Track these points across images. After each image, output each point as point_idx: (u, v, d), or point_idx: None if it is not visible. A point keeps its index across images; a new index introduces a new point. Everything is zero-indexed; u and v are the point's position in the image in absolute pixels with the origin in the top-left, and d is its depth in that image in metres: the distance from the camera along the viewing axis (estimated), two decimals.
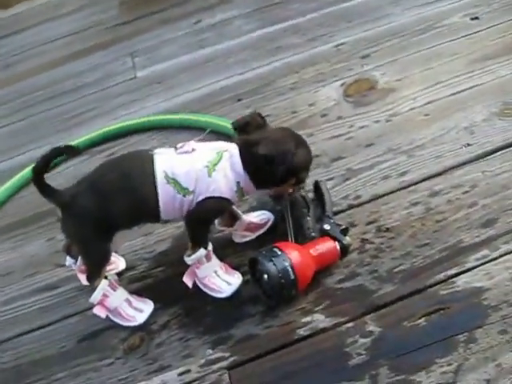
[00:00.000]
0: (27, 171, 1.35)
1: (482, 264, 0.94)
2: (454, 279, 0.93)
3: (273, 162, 0.92)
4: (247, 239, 1.07)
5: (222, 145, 0.97)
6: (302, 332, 0.92)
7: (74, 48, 1.94)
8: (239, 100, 1.46)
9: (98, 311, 0.98)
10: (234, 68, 1.59)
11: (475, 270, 0.93)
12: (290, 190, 1.02)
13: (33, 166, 0.91)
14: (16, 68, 1.94)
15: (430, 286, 0.93)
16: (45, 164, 0.92)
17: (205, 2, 1.96)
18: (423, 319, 0.89)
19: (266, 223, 1.08)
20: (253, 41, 1.69)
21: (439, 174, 1.11)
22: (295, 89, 1.45)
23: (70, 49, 1.94)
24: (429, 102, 1.29)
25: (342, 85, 1.42)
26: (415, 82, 1.35)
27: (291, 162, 0.93)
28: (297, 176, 0.97)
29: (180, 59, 1.71)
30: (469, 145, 1.15)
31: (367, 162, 1.18)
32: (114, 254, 1.08)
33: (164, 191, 0.92)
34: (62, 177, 1.32)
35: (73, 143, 1.35)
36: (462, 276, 0.93)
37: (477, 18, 1.50)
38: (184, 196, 0.93)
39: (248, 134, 0.97)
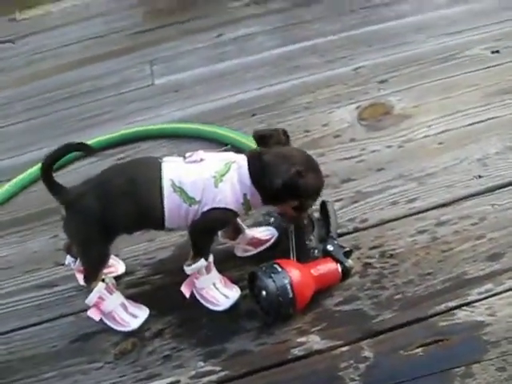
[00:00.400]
0: (37, 167, 1.35)
1: (485, 298, 0.92)
2: (454, 311, 0.91)
3: (266, 172, 0.90)
4: (249, 254, 1.06)
5: (230, 156, 0.97)
6: (296, 352, 0.91)
7: (94, 52, 1.96)
8: (253, 115, 1.47)
9: (93, 314, 0.97)
10: (251, 83, 1.60)
11: (477, 303, 0.92)
12: (291, 213, 0.99)
13: (43, 159, 0.91)
14: (37, 66, 1.96)
15: (430, 317, 0.91)
16: (55, 159, 0.92)
17: (229, 16, 1.98)
18: (420, 349, 0.87)
19: (269, 239, 1.07)
20: (272, 58, 1.70)
21: (448, 204, 1.10)
22: (310, 108, 1.46)
23: (90, 52, 1.97)
24: (444, 131, 1.29)
25: (357, 108, 1.42)
26: (431, 110, 1.35)
27: (293, 181, 0.91)
28: (300, 200, 0.96)
29: (198, 70, 1.73)
30: (480, 177, 1.15)
31: (377, 186, 1.18)
32: (114, 257, 1.08)
33: (170, 199, 0.92)
34: (70, 176, 1.32)
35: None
36: (463, 308, 0.91)
37: (497, 51, 1.50)
38: (190, 205, 0.92)
39: (267, 147, 0.95)
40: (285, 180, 0.89)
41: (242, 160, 0.95)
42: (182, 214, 0.93)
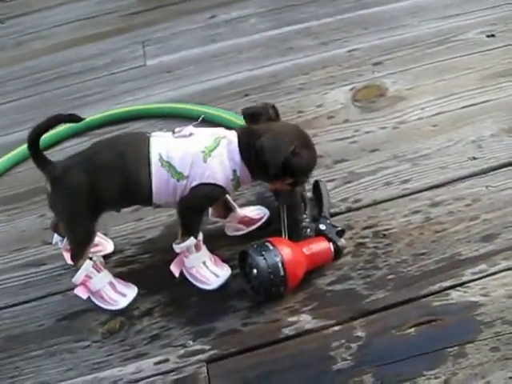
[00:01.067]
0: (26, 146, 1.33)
1: (479, 279, 0.91)
2: (448, 291, 0.90)
3: (265, 153, 0.88)
4: (240, 233, 1.05)
5: (220, 131, 0.95)
6: (287, 331, 0.90)
7: (86, 32, 1.93)
8: (246, 95, 1.45)
9: (80, 292, 0.95)
10: (244, 64, 1.58)
11: (471, 283, 0.91)
12: (285, 188, 0.98)
13: (31, 130, 0.89)
14: (27, 47, 1.93)
15: (424, 297, 0.90)
16: (43, 130, 0.90)
17: None
18: (413, 329, 0.86)
19: (260, 218, 1.06)
20: (265, 40, 1.68)
21: (442, 185, 1.09)
22: (303, 89, 1.44)
23: (81, 32, 1.94)
24: (438, 113, 1.27)
25: (351, 89, 1.40)
26: (426, 93, 1.34)
27: (288, 160, 0.89)
28: (294, 177, 0.94)
29: (191, 51, 1.71)
30: (474, 158, 1.13)
31: (370, 166, 1.16)
32: (102, 236, 1.07)
33: (158, 174, 0.90)
34: (58, 157, 1.30)
35: None
36: (457, 289, 0.90)
37: (493, 35, 1.48)
38: (178, 180, 0.91)
39: (257, 124, 0.94)
40: (283, 162, 0.88)
41: (232, 136, 0.93)
42: (170, 190, 0.91)
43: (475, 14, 1.60)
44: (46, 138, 1.03)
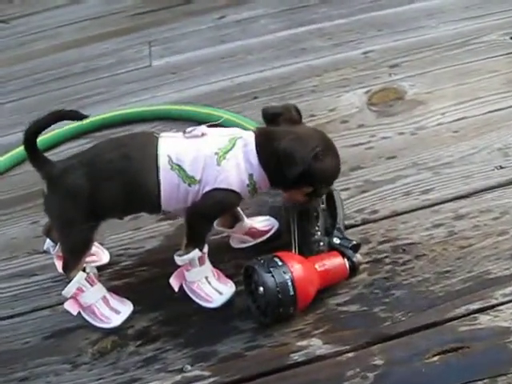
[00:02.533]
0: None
1: (510, 301, 0.83)
2: (476, 315, 0.82)
3: (285, 157, 0.81)
4: (246, 245, 0.97)
5: (236, 131, 0.88)
6: (296, 357, 0.81)
7: (91, 32, 1.89)
8: (255, 98, 1.39)
9: (70, 306, 0.88)
10: (253, 65, 1.53)
11: (502, 306, 0.82)
12: (302, 199, 0.90)
13: (28, 125, 0.82)
14: (30, 46, 1.89)
15: (449, 320, 0.82)
16: (42, 126, 0.83)
17: None
18: (437, 357, 0.77)
19: (268, 230, 0.98)
20: (276, 40, 1.63)
21: (466, 196, 1.02)
22: (316, 92, 1.38)
23: (86, 33, 1.90)
24: (460, 119, 1.20)
25: (366, 92, 1.34)
26: (446, 97, 1.27)
27: (310, 165, 0.81)
28: (314, 186, 0.86)
29: (199, 52, 1.65)
30: (501, 167, 1.06)
31: (388, 175, 1.09)
32: (98, 245, 1.00)
33: (167, 178, 0.83)
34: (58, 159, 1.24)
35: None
36: (486, 312, 0.82)
37: None
38: (189, 185, 0.83)
39: (277, 125, 0.86)
40: (305, 167, 0.80)
41: (248, 137, 0.85)
42: (181, 195, 0.83)
43: (497, 15, 1.54)
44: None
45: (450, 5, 1.63)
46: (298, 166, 0.81)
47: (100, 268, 0.97)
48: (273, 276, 0.81)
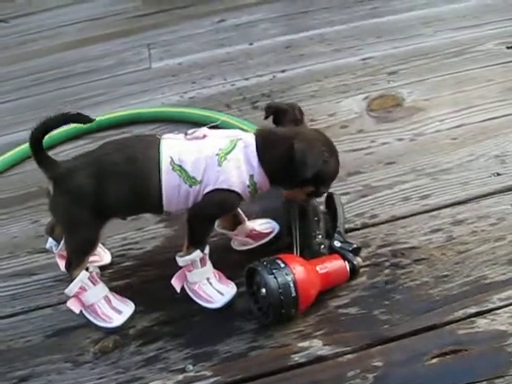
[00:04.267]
0: (22, 148, 1.27)
1: (508, 305, 0.84)
2: (474, 319, 0.83)
3: (300, 160, 0.82)
4: (247, 247, 0.98)
5: (236, 133, 0.88)
6: (296, 358, 0.82)
7: (91, 34, 1.89)
8: (254, 102, 1.40)
9: (72, 305, 0.88)
10: (252, 70, 1.53)
11: (499, 310, 0.83)
12: (303, 198, 0.91)
13: (35, 126, 0.83)
14: (30, 46, 1.89)
15: (447, 324, 0.83)
16: (48, 127, 0.83)
17: (231, 3, 1.92)
18: (436, 360, 0.78)
19: (269, 233, 0.99)
20: (276, 45, 1.64)
21: (464, 202, 1.03)
22: (316, 97, 1.39)
23: (86, 34, 1.90)
24: (458, 126, 1.22)
25: (365, 98, 1.36)
26: (444, 104, 1.29)
27: (320, 168, 0.83)
28: (317, 186, 0.87)
29: (198, 55, 1.66)
30: (498, 174, 1.07)
31: (387, 180, 1.10)
32: (100, 245, 0.99)
33: (168, 179, 0.83)
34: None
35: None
36: (483, 316, 0.83)
37: None
38: (190, 186, 0.84)
39: (281, 125, 0.87)
40: (315, 170, 0.82)
41: (249, 138, 0.86)
42: (182, 196, 0.84)
43: (493, 24, 1.56)
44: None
45: (448, 13, 1.65)
46: (309, 170, 0.82)
47: (102, 268, 0.98)
48: (275, 278, 0.81)
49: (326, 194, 0.99)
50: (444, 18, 1.62)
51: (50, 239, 0.95)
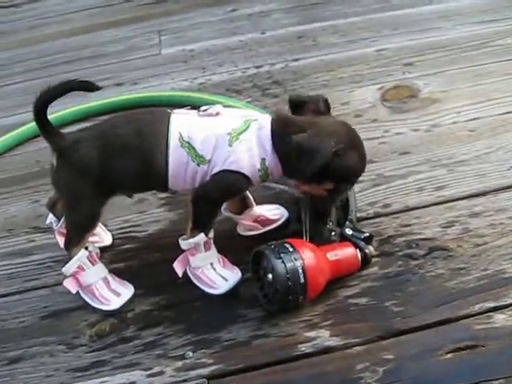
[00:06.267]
0: (26, 128, 1.26)
1: None
2: (491, 313, 0.79)
3: (302, 152, 0.77)
4: (253, 233, 0.94)
5: (252, 113, 0.84)
6: (303, 348, 0.78)
7: (101, 20, 1.87)
8: (266, 89, 1.36)
9: (69, 284, 0.85)
10: (264, 58, 1.50)
11: None
12: (322, 194, 0.85)
13: (38, 95, 0.79)
14: (39, 31, 1.87)
15: (463, 318, 0.79)
16: (52, 96, 0.80)
17: None
18: (451, 355, 0.74)
19: (278, 219, 0.95)
20: (289, 35, 1.60)
21: (481, 195, 0.99)
22: (328, 86, 1.35)
23: (96, 19, 1.88)
24: (475, 118, 1.18)
25: (379, 88, 1.32)
26: (462, 96, 1.25)
27: (331, 163, 0.77)
28: (336, 183, 0.82)
29: (209, 42, 1.63)
30: None
31: (401, 170, 1.06)
32: (101, 226, 0.96)
33: (176, 155, 0.80)
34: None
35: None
36: (501, 311, 0.79)
37: None
38: (198, 165, 0.80)
39: (301, 115, 0.83)
40: (323, 165, 0.76)
41: (265, 120, 0.82)
42: (189, 174, 0.80)
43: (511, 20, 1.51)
44: None
45: (467, 8, 1.61)
46: (315, 163, 0.76)
47: (102, 250, 0.94)
48: (283, 262, 0.78)
49: None
50: (463, 13, 1.58)
51: (51, 215, 0.92)
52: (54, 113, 1.25)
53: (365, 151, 0.84)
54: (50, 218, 0.92)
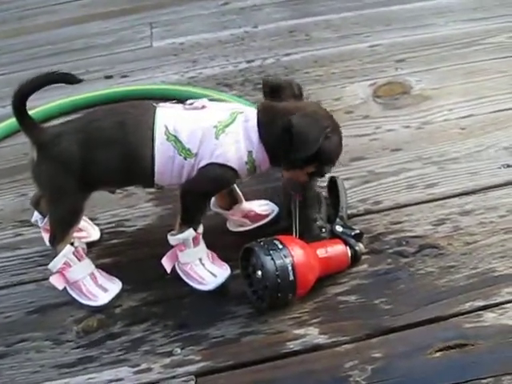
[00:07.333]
0: (13, 121, 1.22)
1: None
2: (480, 312, 0.79)
3: (298, 135, 0.77)
4: (243, 229, 0.93)
5: (238, 106, 0.84)
6: (292, 346, 0.78)
7: (91, 11, 1.85)
8: (257, 84, 1.35)
9: (56, 281, 0.84)
10: (256, 52, 1.49)
11: (507, 305, 0.79)
12: (304, 179, 0.86)
13: (18, 86, 0.78)
14: (29, 21, 1.85)
15: (452, 316, 0.78)
16: (32, 88, 0.78)
17: None
18: (440, 353, 0.74)
19: (267, 215, 0.94)
20: (281, 29, 1.59)
21: (472, 193, 0.99)
22: (320, 81, 1.35)
23: (86, 11, 1.86)
24: (467, 116, 1.18)
25: (371, 85, 1.31)
26: (453, 94, 1.25)
27: (321, 145, 0.78)
28: (319, 165, 0.82)
29: (201, 36, 1.62)
30: (508, 166, 1.03)
31: (392, 167, 1.06)
32: (88, 220, 0.95)
33: (162, 149, 0.79)
34: None
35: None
36: (490, 310, 0.79)
37: None
38: (185, 159, 0.79)
39: (279, 100, 0.82)
40: (317, 148, 0.77)
41: (250, 112, 0.82)
42: (176, 168, 0.79)
43: (506, 18, 1.52)
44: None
45: (459, 5, 1.61)
46: (310, 147, 0.77)
47: (89, 245, 0.93)
48: (272, 259, 0.77)
49: (328, 178, 0.95)
50: (455, 10, 1.58)
51: (36, 212, 0.91)
52: (39, 106, 1.24)
53: (341, 133, 0.85)
54: (36, 215, 0.91)
